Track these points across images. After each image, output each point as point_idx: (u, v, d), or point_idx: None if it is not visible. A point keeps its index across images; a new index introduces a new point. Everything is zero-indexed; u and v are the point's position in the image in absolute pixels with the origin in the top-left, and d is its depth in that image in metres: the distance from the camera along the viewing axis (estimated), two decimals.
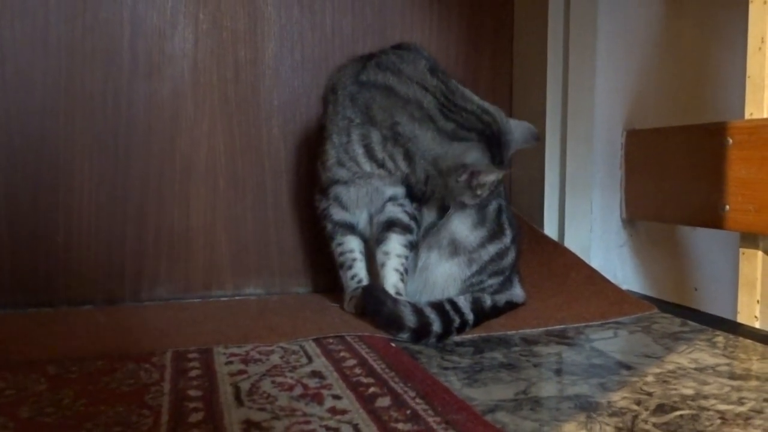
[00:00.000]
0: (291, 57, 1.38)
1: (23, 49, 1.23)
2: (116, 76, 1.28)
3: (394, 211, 1.11)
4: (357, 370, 0.84)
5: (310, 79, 1.38)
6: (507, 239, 1.14)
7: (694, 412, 0.72)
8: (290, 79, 1.38)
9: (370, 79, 1.07)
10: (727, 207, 1.19)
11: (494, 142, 1.04)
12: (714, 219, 1.22)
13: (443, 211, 1.12)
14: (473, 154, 1.03)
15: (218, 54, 1.33)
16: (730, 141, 1.17)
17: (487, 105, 1.07)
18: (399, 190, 1.11)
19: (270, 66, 1.37)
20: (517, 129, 1.09)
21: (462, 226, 1.11)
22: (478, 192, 1.06)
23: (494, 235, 1.12)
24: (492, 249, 1.12)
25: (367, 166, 1.08)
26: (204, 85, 1.33)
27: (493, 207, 1.13)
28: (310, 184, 1.23)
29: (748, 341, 1.00)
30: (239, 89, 1.35)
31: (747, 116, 1.14)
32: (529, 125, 1.12)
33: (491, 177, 1.05)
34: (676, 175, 1.33)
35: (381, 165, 1.07)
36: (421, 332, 0.99)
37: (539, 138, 1.16)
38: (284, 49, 1.37)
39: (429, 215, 1.14)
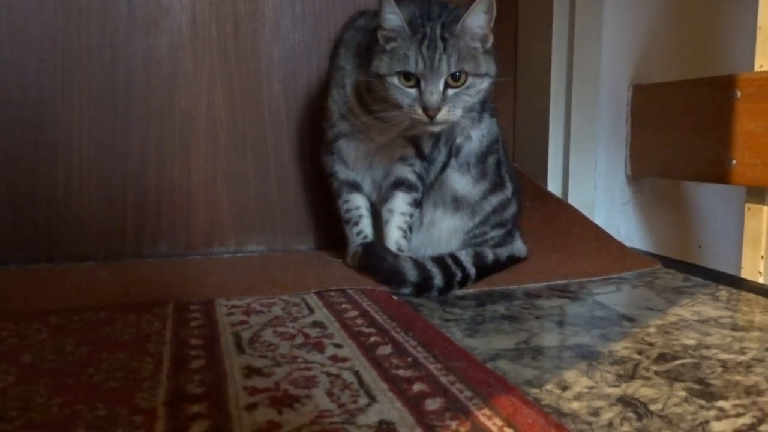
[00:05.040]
0: (291, 10, 1.35)
1: (18, 2, 1.20)
2: (113, 30, 1.26)
3: (402, 170, 1.11)
4: (358, 321, 0.84)
5: (310, 33, 1.35)
6: (508, 191, 1.14)
7: (695, 360, 0.72)
8: (290, 32, 1.35)
9: (365, 24, 1.08)
10: (734, 161, 1.17)
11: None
12: (720, 174, 1.21)
13: (445, 166, 1.11)
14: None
15: (217, 5, 1.30)
16: (739, 94, 1.15)
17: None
18: (409, 151, 1.11)
19: (270, 19, 1.34)
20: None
21: (464, 182, 1.11)
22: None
23: (496, 186, 1.12)
24: (494, 200, 1.12)
25: (363, 116, 1.07)
26: (203, 38, 1.30)
27: (491, 161, 1.13)
28: (312, 140, 1.22)
29: (752, 295, 1.00)
30: (239, 43, 1.32)
31: (756, 68, 1.11)
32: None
33: None
34: (683, 130, 1.32)
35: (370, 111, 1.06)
36: (423, 286, 0.99)
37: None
38: (284, 2, 1.34)
39: (433, 172, 1.13)
